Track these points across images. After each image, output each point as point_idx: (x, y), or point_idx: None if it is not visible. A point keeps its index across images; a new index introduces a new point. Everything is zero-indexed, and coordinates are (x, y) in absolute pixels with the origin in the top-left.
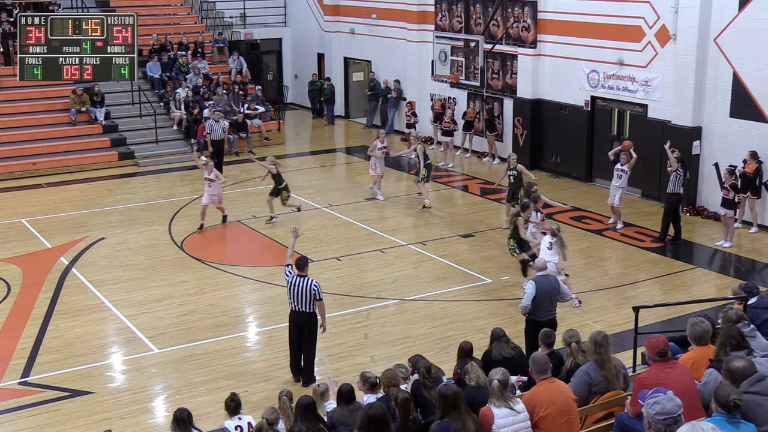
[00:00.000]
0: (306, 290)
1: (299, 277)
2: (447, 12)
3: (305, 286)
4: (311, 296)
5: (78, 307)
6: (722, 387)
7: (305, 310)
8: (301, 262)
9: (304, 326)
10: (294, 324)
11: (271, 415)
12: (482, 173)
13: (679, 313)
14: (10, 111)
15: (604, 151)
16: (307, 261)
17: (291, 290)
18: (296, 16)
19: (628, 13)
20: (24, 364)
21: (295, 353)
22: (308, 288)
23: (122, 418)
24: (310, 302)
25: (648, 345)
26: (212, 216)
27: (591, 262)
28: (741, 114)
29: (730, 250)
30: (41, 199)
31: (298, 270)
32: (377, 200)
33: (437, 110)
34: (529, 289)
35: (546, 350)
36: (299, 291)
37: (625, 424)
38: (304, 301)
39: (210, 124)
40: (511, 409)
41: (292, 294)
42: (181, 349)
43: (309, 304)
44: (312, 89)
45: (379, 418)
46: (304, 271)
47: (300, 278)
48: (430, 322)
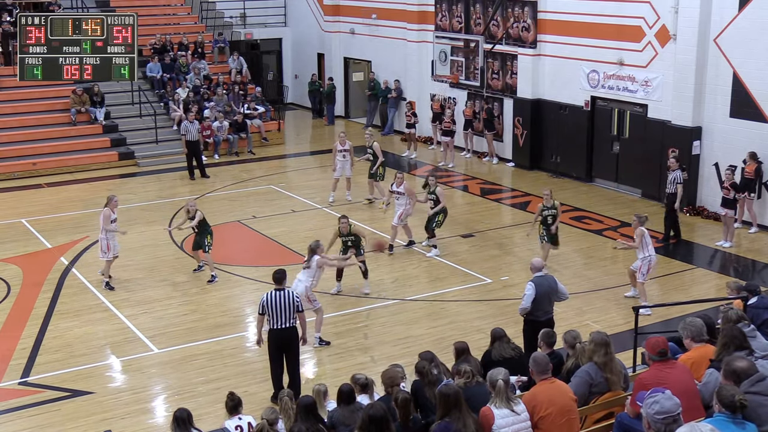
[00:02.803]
0: (287, 304)
1: (277, 291)
2: (447, 12)
3: (285, 300)
4: (293, 309)
5: (78, 307)
6: (725, 387)
7: (287, 325)
8: (278, 275)
9: (287, 343)
10: (275, 343)
11: (271, 415)
12: (482, 173)
13: (679, 313)
14: (10, 111)
15: (604, 151)
16: (285, 274)
17: (270, 308)
18: (296, 16)
19: (628, 13)
20: (24, 364)
21: (278, 372)
22: (289, 301)
23: (122, 418)
24: (291, 316)
25: (648, 345)
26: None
27: (591, 262)
28: (741, 114)
29: (730, 250)
30: (41, 199)
31: (276, 284)
32: (376, 200)
33: (435, 110)
34: (528, 290)
35: (546, 350)
36: (279, 306)
37: (625, 424)
38: (285, 317)
39: (185, 125)
40: (511, 410)
41: (271, 312)
42: (181, 349)
43: (290, 319)
44: (312, 89)
45: (379, 419)
46: (281, 285)
47: (278, 292)
48: (430, 322)
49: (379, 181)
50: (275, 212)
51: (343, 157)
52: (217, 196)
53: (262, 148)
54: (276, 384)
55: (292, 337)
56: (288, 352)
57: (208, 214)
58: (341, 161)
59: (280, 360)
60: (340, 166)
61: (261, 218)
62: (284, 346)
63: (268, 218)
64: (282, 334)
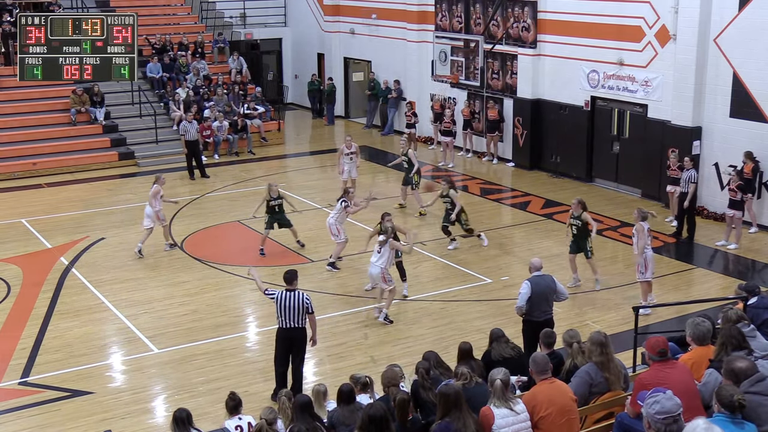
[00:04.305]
0: (297, 305)
1: (288, 291)
2: (447, 12)
3: (295, 301)
4: (302, 310)
5: (78, 307)
6: (725, 387)
7: (296, 326)
8: (289, 275)
9: (295, 343)
10: (284, 342)
11: (270, 415)
12: (482, 173)
13: (679, 313)
14: (10, 111)
15: (604, 151)
16: (296, 274)
17: (280, 307)
18: (296, 16)
19: (628, 13)
20: (24, 364)
21: (282, 370)
22: (299, 302)
23: (122, 418)
24: (301, 317)
25: (648, 345)
26: (212, 216)
27: None
28: (741, 114)
29: (732, 251)
30: (41, 199)
31: (286, 284)
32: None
33: (436, 110)
34: (524, 289)
35: (546, 350)
36: (289, 306)
37: (625, 424)
38: (295, 317)
39: (184, 125)
40: (511, 410)
41: (281, 311)
42: (181, 349)
43: (300, 319)
44: (312, 89)
45: (379, 419)
46: (292, 285)
47: (289, 293)
48: (430, 322)
49: (414, 189)
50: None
51: (350, 159)
52: (217, 196)
53: (262, 148)
54: (279, 382)
55: (300, 337)
56: (294, 352)
57: (208, 214)
58: (348, 164)
59: (286, 359)
60: (347, 168)
61: (261, 218)
62: (291, 346)
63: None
64: (290, 334)
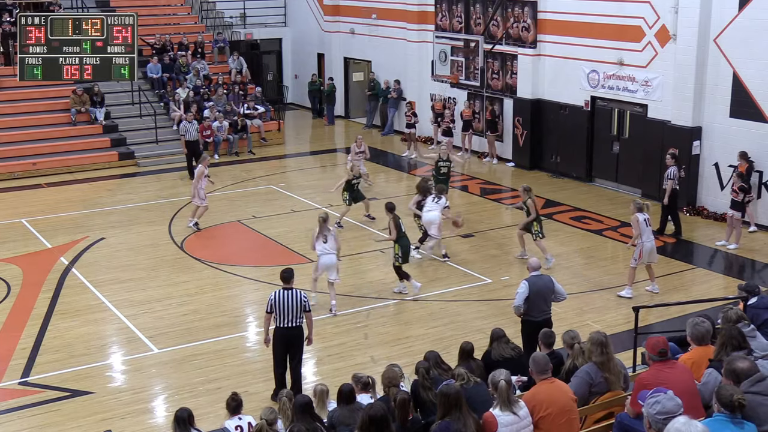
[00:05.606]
0: (295, 303)
1: (285, 290)
2: (447, 12)
3: (293, 299)
4: (300, 308)
5: (78, 307)
6: (725, 387)
7: (294, 324)
8: (286, 274)
9: (293, 342)
10: (282, 342)
11: (270, 415)
12: (482, 173)
13: (679, 313)
14: (10, 111)
15: (604, 151)
16: (292, 273)
17: (278, 307)
18: (296, 16)
19: (628, 13)
20: (24, 364)
21: (281, 371)
22: (297, 300)
23: (122, 418)
24: (298, 315)
25: (648, 345)
26: (212, 216)
27: (591, 262)
28: (741, 114)
29: (732, 251)
30: (41, 199)
31: (283, 283)
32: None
33: (437, 110)
34: (521, 288)
35: (546, 350)
36: (287, 305)
37: (625, 424)
38: (293, 316)
39: (184, 125)
40: (514, 414)
41: (279, 310)
42: (181, 349)
43: (297, 318)
44: (312, 89)
45: (379, 419)
46: (290, 284)
47: (286, 291)
48: (429, 322)
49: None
50: (275, 212)
51: (358, 159)
52: (217, 196)
53: (262, 148)
54: (279, 382)
55: (298, 336)
56: (293, 351)
57: (208, 214)
58: (357, 162)
59: (285, 359)
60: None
61: (261, 218)
62: (290, 345)
63: (269, 218)
64: (288, 333)
